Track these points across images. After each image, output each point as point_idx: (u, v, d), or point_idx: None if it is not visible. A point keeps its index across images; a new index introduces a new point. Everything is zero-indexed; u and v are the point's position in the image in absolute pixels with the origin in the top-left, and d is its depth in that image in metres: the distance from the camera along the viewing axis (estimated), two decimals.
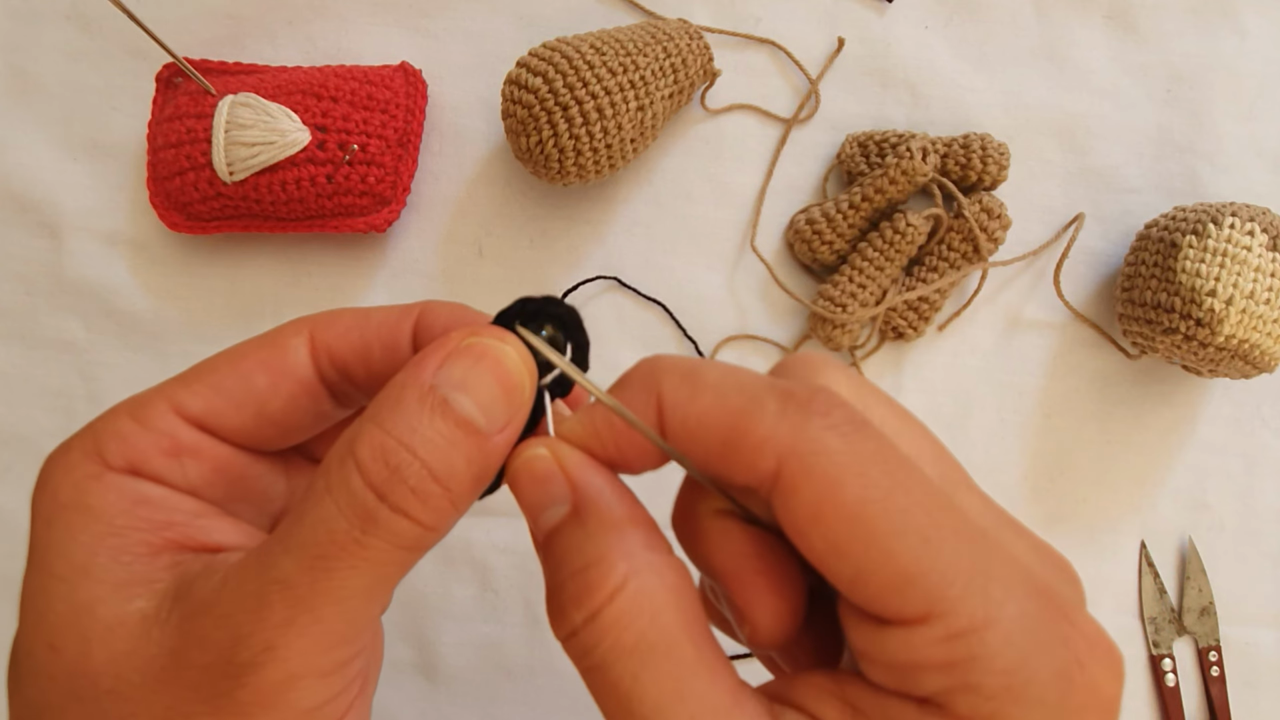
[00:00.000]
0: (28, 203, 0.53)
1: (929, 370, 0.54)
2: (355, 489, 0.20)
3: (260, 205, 0.49)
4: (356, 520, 0.20)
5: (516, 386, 0.22)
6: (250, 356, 0.24)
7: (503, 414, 0.21)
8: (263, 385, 0.24)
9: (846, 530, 0.19)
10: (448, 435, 0.20)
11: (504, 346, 0.22)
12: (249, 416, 0.24)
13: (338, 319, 0.25)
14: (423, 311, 0.25)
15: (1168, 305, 0.47)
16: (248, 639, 0.20)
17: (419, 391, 0.21)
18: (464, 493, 0.21)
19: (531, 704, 0.52)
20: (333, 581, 0.20)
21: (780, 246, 0.54)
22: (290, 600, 0.20)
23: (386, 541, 0.20)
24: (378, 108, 0.50)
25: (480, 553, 0.52)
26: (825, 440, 0.19)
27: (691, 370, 0.21)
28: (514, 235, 0.53)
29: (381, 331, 0.25)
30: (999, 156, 0.51)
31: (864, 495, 0.19)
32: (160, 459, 0.23)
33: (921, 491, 0.19)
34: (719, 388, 0.20)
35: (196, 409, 0.24)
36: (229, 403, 0.24)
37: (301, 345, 0.24)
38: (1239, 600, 0.53)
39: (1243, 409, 0.54)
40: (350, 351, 0.25)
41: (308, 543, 0.20)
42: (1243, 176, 0.54)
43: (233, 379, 0.24)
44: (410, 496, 0.20)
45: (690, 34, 0.50)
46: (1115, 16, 0.55)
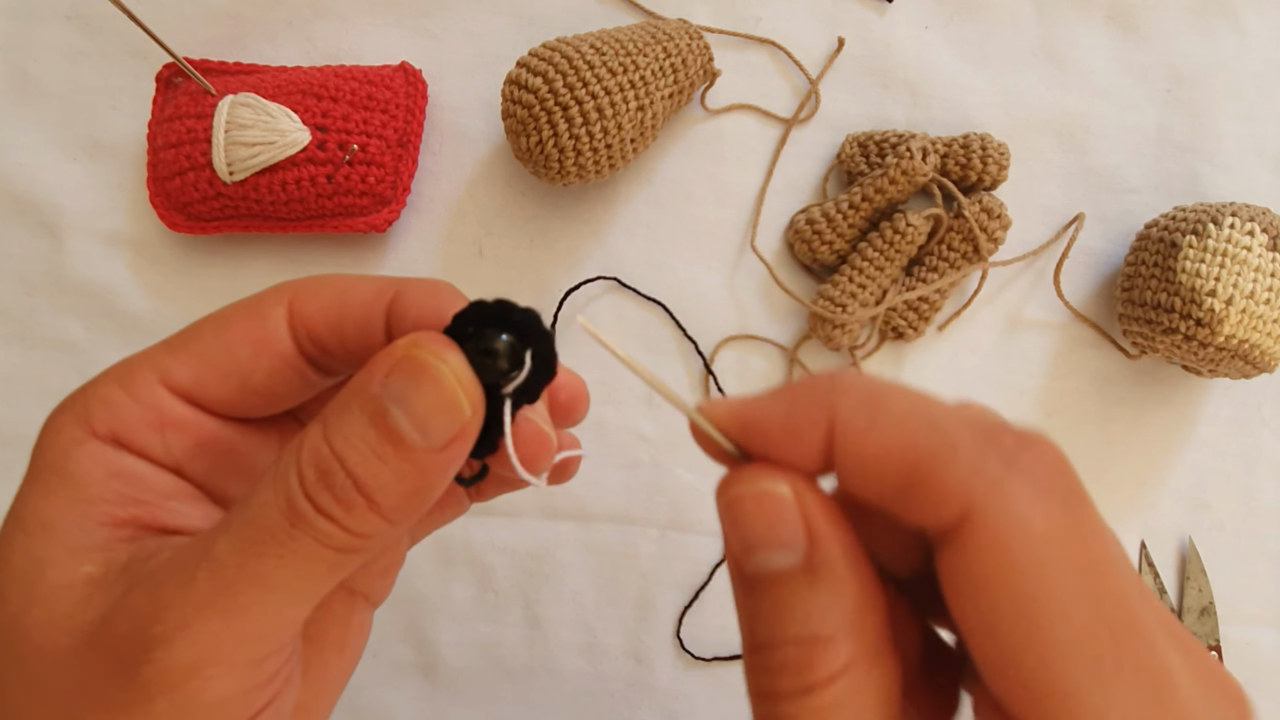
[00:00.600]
0: (28, 203, 0.53)
1: (929, 370, 0.54)
2: (290, 484, 0.20)
3: (260, 205, 0.49)
4: (287, 513, 0.20)
5: (453, 404, 0.21)
6: (234, 325, 0.24)
7: (441, 431, 0.21)
8: (245, 357, 0.24)
9: (1012, 614, 0.17)
10: (378, 449, 0.20)
11: (441, 364, 0.21)
12: (233, 388, 0.24)
13: (319, 290, 0.24)
14: (398, 293, 0.24)
15: (1168, 305, 0.47)
16: (165, 612, 0.20)
17: (363, 399, 0.20)
18: (394, 506, 0.21)
19: (531, 704, 0.52)
20: (259, 568, 0.20)
21: (780, 246, 0.54)
22: (216, 580, 0.20)
23: (313, 539, 0.20)
24: (378, 108, 0.50)
25: (480, 553, 0.52)
26: (1025, 507, 0.17)
27: (874, 395, 0.19)
28: (514, 235, 0.53)
29: (356, 309, 0.24)
30: (999, 156, 0.51)
31: (1047, 587, 0.16)
32: (144, 431, 0.23)
33: (1113, 606, 0.17)
34: (906, 420, 0.19)
35: (183, 380, 0.24)
36: (214, 374, 0.24)
37: (281, 316, 0.24)
38: (1239, 600, 0.53)
39: (1243, 409, 0.54)
40: (326, 327, 0.24)
41: (243, 526, 0.20)
42: (1243, 176, 0.54)
43: (218, 349, 0.24)
44: (334, 504, 0.20)
45: (690, 34, 0.50)
46: (1115, 16, 0.55)
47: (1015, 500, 0.17)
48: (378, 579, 0.28)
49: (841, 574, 0.19)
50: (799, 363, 0.53)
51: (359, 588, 0.28)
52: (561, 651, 0.52)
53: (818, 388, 0.20)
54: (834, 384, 0.20)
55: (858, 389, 0.19)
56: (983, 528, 0.17)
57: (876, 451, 0.18)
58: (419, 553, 0.52)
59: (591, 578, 0.52)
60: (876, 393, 0.19)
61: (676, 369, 0.53)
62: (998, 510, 0.17)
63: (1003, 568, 0.17)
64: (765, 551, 0.20)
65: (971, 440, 0.18)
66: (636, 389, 0.53)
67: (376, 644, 0.52)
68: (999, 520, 0.17)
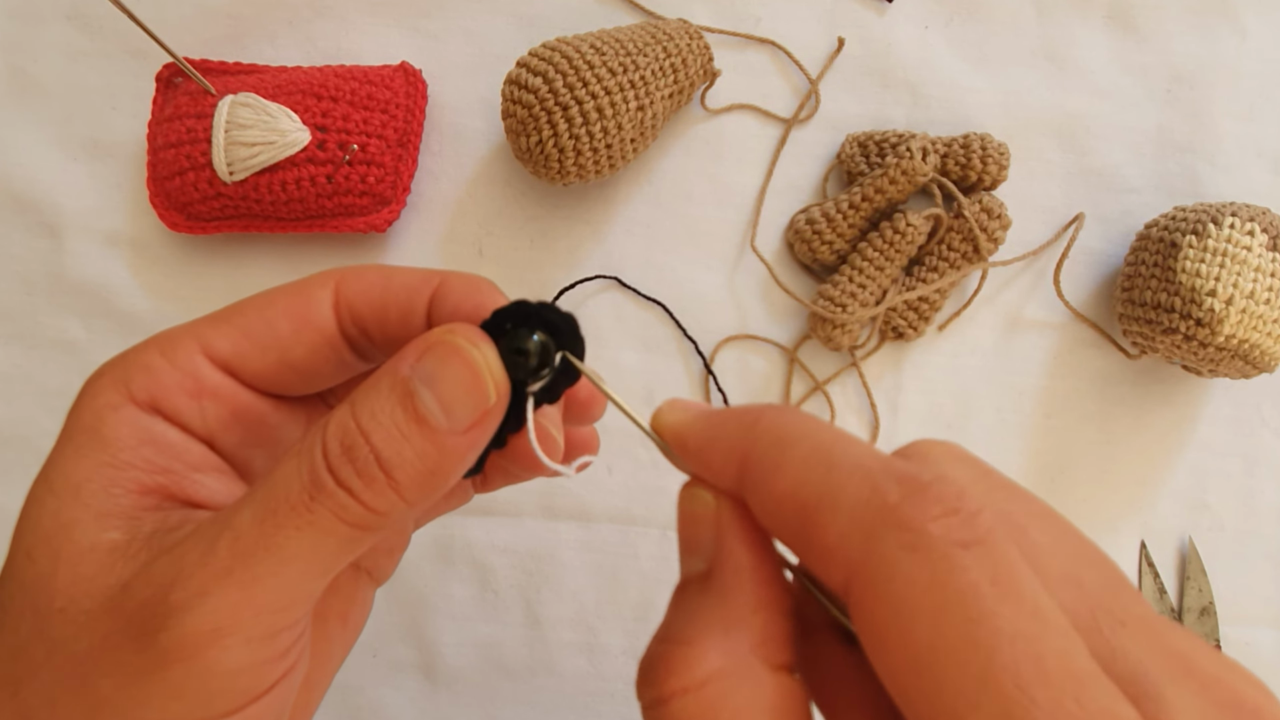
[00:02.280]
0: (28, 203, 0.53)
1: (929, 370, 0.54)
2: (314, 457, 0.21)
3: (260, 205, 0.49)
4: (309, 485, 0.20)
5: (480, 390, 0.21)
6: (278, 304, 0.25)
7: (465, 415, 0.21)
8: (287, 332, 0.24)
9: (910, 678, 0.16)
10: (402, 427, 0.21)
11: (473, 349, 0.21)
12: (272, 362, 0.25)
13: (364, 275, 0.25)
14: (442, 282, 0.25)
15: (1168, 305, 0.47)
16: (186, 580, 0.20)
17: (393, 379, 0.21)
18: (412, 484, 0.21)
19: (531, 704, 0.52)
20: (278, 538, 0.20)
21: (780, 246, 0.54)
22: (236, 549, 0.20)
23: (332, 512, 0.20)
24: (378, 108, 0.50)
25: (480, 553, 0.52)
26: (903, 565, 0.16)
27: (785, 438, 0.19)
28: (514, 235, 0.53)
29: (400, 295, 0.25)
30: (999, 156, 0.51)
31: (935, 642, 0.15)
32: (182, 398, 0.23)
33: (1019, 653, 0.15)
34: (803, 467, 0.18)
35: (223, 351, 0.24)
36: (254, 347, 0.24)
37: (326, 297, 0.25)
38: (1239, 600, 0.53)
39: (1243, 409, 0.54)
40: (370, 310, 0.25)
41: (265, 498, 0.21)
42: (1243, 176, 0.54)
43: (259, 324, 0.24)
44: (355, 477, 0.20)
45: (690, 34, 0.50)
46: (1115, 16, 0.55)
47: (890, 555, 0.16)
48: (383, 557, 0.29)
49: (731, 588, 0.19)
50: (799, 363, 0.53)
51: (364, 563, 0.28)
52: (561, 651, 0.52)
53: (741, 422, 0.20)
54: (754, 420, 0.20)
55: (771, 430, 0.19)
56: (862, 587, 0.16)
57: (775, 496, 0.18)
58: (419, 553, 0.52)
59: (591, 578, 0.52)
60: (787, 436, 0.19)
61: (676, 369, 0.53)
62: (874, 569, 0.16)
63: (888, 628, 0.16)
64: (685, 555, 0.21)
65: (854, 493, 0.17)
66: (637, 390, 0.53)
67: (376, 644, 0.52)
68: (876, 579, 0.16)
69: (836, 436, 0.18)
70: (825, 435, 0.18)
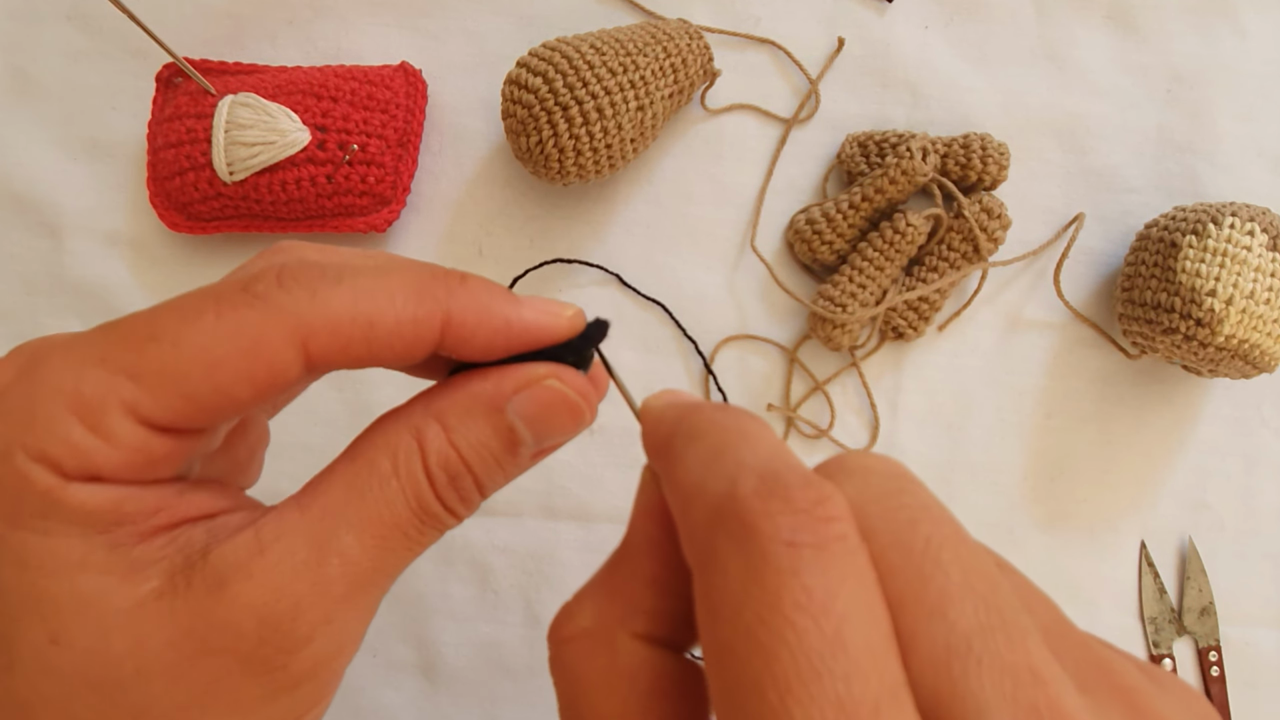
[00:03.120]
0: (28, 203, 0.53)
1: (929, 370, 0.54)
2: (420, 485, 0.22)
3: (260, 205, 0.49)
4: (418, 511, 0.22)
5: (575, 426, 0.23)
6: (229, 366, 0.20)
7: (549, 440, 0.23)
8: (244, 397, 0.20)
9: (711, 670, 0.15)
10: (500, 459, 0.22)
11: (581, 404, 0.23)
12: (218, 414, 0.21)
13: (338, 324, 0.21)
14: (449, 317, 0.22)
15: (1168, 305, 0.47)
16: (307, 611, 0.20)
17: (490, 409, 0.22)
18: (490, 492, 0.23)
19: (531, 704, 0.52)
20: (391, 560, 0.21)
21: (780, 246, 0.54)
22: (349, 576, 0.21)
23: (436, 532, 0.22)
24: (378, 108, 0.50)
25: (480, 553, 0.52)
26: (726, 556, 0.15)
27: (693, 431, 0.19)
28: (514, 235, 0.53)
29: (394, 345, 0.21)
30: (999, 156, 0.51)
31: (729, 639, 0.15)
32: (128, 472, 0.20)
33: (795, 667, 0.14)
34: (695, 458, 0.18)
35: (162, 420, 0.20)
36: (199, 410, 0.20)
37: (295, 361, 0.20)
38: (1239, 600, 0.53)
39: (1243, 409, 0.54)
40: (350, 363, 0.22)
41: (373, 522, 0.21)
42: (1243, 176, 0.54)
43: (207, 388, 0.20)
44: (460, 504, 0.22)
45: (690, 34, 0.50)
46: (1115, 16, 0.55)
47: (719, 548, 0.16)
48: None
49: (621, 557, 0.21)
50: (799, 363, 0.53)
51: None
52: None
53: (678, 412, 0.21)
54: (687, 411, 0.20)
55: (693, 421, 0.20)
56: (695, 575, 0.17)
57: (669, 486, 0.19)
58: None
59: None
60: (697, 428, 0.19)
61: (676, 369, 0.53)
62: (704, 557, 0.16)
63: (702, 619, 0.16)
64: None
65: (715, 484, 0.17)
66: (637, 390, 0.53)
67: (376, 644, 0.52)
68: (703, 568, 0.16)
69: (743, 435, 0.18)
70: (730, 434, 0.18)
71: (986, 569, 0.16)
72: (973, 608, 0.15)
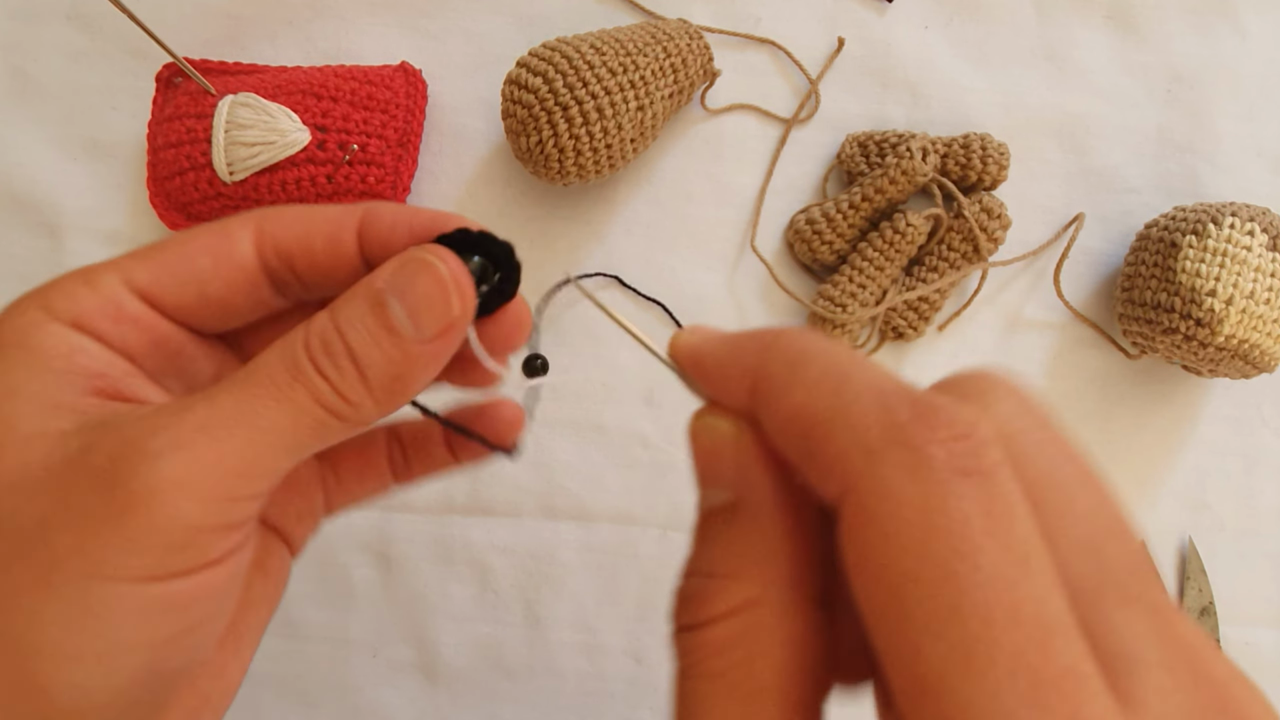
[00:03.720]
0: (28, 203, 0.53)
1: (929, 370, 0.54)
2: (295, 348, 0.23)
3: (260, 205, 0.49)
4: (289, 368, 0.22)
5: (446, 301, 0.23)
6: (197, 240, 0.25)
7: (431, 325, 0.23)
8: (206, 267, 0.25)
9: (883, 599, 0.15)
10: (374, 332, 0.23)
11: (440, 264, 0.23)
12: (190, 295, 0.25)
13: (285, 212, 0.26)
14: (368, 210, 0.26)
15: (1168, 305, 0.47)
16: (160, 432, 0.21)
17: (368, 291, 0.23)
18: (380, 384, 0.23)
19: (531, 704, 0.52)
20: (255, 405, 0.22)
21: (780, 246, 0.54)
22: (212, 411, 0.21)
23: (309, 393, 0.22)
24: (378, 108, 0.50)
25: (480, 553, 0.52)
26: (899, 484, 0.15)
27: (800, 355, 0.19)
28: (514, 235, 0.52)
29: (326, 226, 0.26)
30: (999, 156, 0.51)
31: (914, 567, 0.15)
32: (104, 321, 0.24)
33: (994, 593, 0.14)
34: (816, 385, 0.18)
35: (143, 281, 0.25)
36: (174, 279, 0.25)
37: (247, 235, 0.26)
38: (1239, 600, 0.53)
39: (1243, 409, 0.54)
40: (294, 241, 0.26)
41: (244, 377, 0.22)
42: (1243, 176, 0.54)
43: (178, 258, 0.25)
44: (331, 366, 0.22)
45: (690, 34, 0.50)
46: (1115, 16, 0.55)
47: (888, 475, 0.16)
48: (297, 523, 0.30)
49: (760, 517, 0.19)
50: None
51: (280, 525, 0.29)
52: (561, 651, 0.52)
53: (758, 343, 0.20)
54: (771, 341, 0.20)
55: (787, 350, 0.19)
56: (855, 504, 0.16)
57: (784, 413, 0.18)
58: (419, 553, 0.52)
59: (591, 578, 0.52)
60: (802, 355, 0.19)
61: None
62: (869, 486, 0.16)
63: (871, 548, 0.16)
64: (705, 487, 0.21)
65: (863, 410, 0.16)
66: (637, 390, 0.53)
67: (377, 644, 0.52)
68: (868, 496, 0.16)
69: (854, 358, 0.18)
70: (842, 356, 0.18)
71: (1120, 509, 0.17)
72: (1121, 548, 0.16)
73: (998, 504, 0.15)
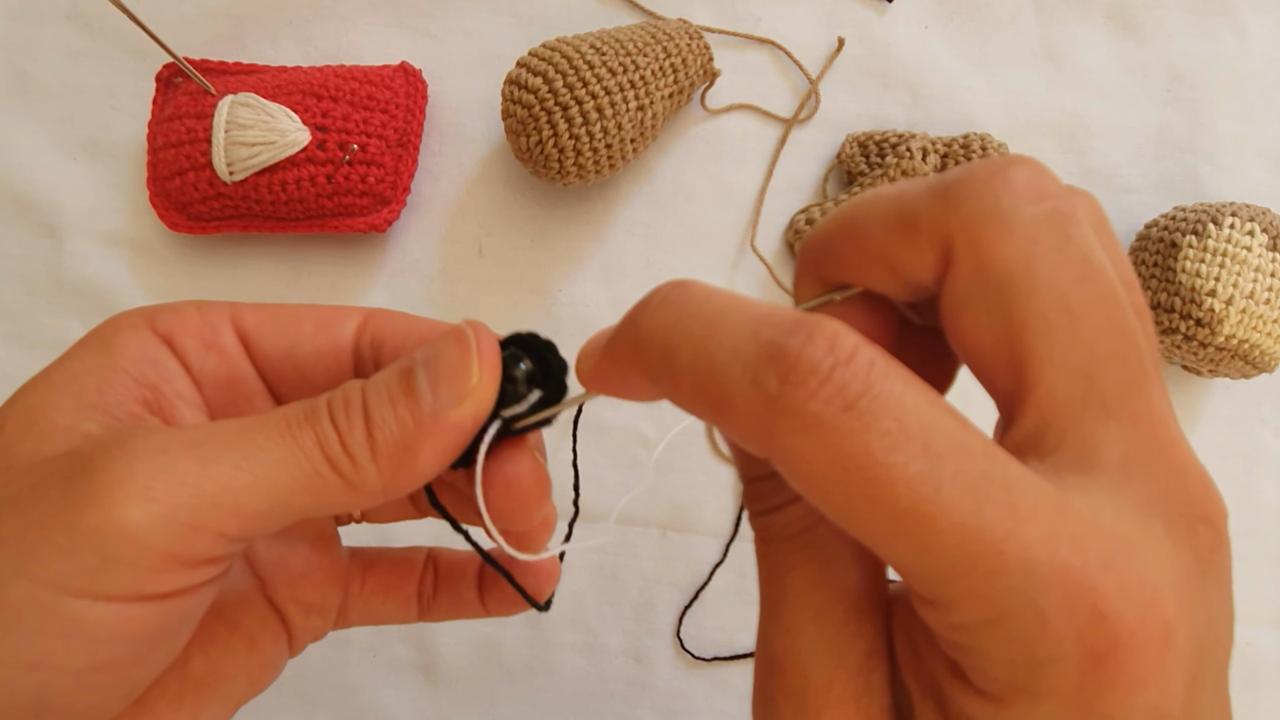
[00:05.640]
0: (28, 203, 0.53)
1: None
2: (317, 400, 0.23)
3: (260, 205, 0.49)
4: (304, 410, 0.22)
5: (465, 372, 0.22)
6: (310, 308, 0.27)
7: (446, 394, 0.22)
8: (307, 331, 0.26)
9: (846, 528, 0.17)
10: (393, 394, 0.22)
11: (469, 333, 0.23)
12: (281, 350, 0.26)
13: (395, 314, 0.27)
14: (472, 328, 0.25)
15: (1168, 305, 0.47)
16: (147, 434, 0.21)
17: (404, 360, 0.23)
18: (386, 447, 0.22)
19: (531, 704, 0.52)
20: (255, 436, 0.21)
21: (780, 246, 0.54)
22: (211, 431, 0.21)
23: (314, 437, 0.22)
24: (378, 108, 0.50)
25: None
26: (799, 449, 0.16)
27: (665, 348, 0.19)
28: (514, 235, 0.53)
29: (423, 329, 0.27)
30: None
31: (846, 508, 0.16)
32: (193, 341, 0.25)
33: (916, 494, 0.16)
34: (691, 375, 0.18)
35: (248, 322, 0.26)
36: (275, 330, 0.26)
37: (354, 320, 0.27)
38: (1239, 600, 0.53)
39: (1243, 409, 0.54)
40: (393, 338, 0.26)
41: (257, 416, 0.22)
42: (1243, 176, 0.54)
43: (287, 315, 0.26)
44: (343, 417, 0.22)
45: (690, 34, 0.50)
46: (1115, 16, 0.55)
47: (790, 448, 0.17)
48: (301, 611, 0.29)
49: None
50: None
51: (284, 608, 0.28)
52: (561, 651, 0.52)
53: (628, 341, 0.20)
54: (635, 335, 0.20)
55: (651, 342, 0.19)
56: (777, 462, 0.17)
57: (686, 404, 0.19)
58: None
59: (591, 578, 0.52)
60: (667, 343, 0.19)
61: None
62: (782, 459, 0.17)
63: (809, 494, 0.17)
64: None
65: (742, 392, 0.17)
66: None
67: (377, 644, 0.52)
68: (783, 462, 0.17)
69: (710, 321, 0.18)
70: (698, 327, 0.18)
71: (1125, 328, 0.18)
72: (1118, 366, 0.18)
73: (888, 414, 0.16)
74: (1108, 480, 0.17)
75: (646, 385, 0.20)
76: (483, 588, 0.30)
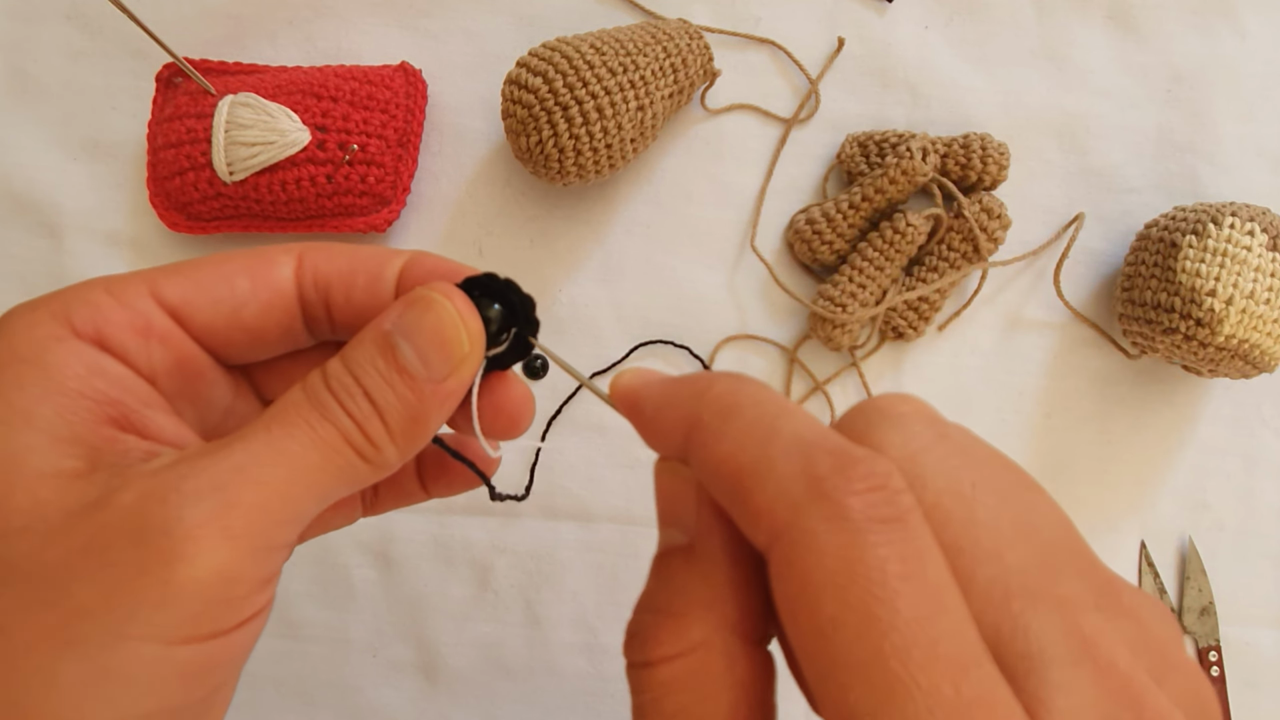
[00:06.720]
0: (28, 203, 0.53)
1: (929, 370, 0.54)
2: (318, 388, 0.22)
3: (260, 205, 0.49)
4: (316, 406, 0.22)
5: (454, 340, 0.23)
6: (235, 261, 0.25)
7: (440, 365, 0.23)
8: (243, 289, 0.24)
9: (812, 645, 0.16)
10: (386, 375, 0.22)
11: (446, 303, 0.23)
12: (222, 316, 0.24)
13: (329, 246, 0.26)
14: (413, 256, 0.26)
15: (1168, 305, 0.47)
16: (197, 475, 0.20)
17: (376, 333, 0.23)
18: (399, 427, 0.22)
19: (531, 704, 0.52)
20: (289, 444, 0.21)
21: (780, 246, 0.54)
22: (247, 450, 0.21)
23: (337, 430, 0.22)
24: (378, 108, 0.50)
25: (480, 553, 0.52)
26: (821, 534, 0.16)
27: (731, 406, 0.19)
28: (514, 235, 0.53)
29: (369, 264, 0.25)
30: (999, 156, 0.51)
31: (838, 614, 0.15)
32: (129, 336, 0.23)
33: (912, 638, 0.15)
34: (745, 434, 0.18)
35: (173, 297, 0.24)
36: (206, 298, 0.24)
37: (289, 262, 0.25)
38: (1239, 600, 0.53)
39: (1243, 409, 0.54)
40: (336, 275, 0.25)
41: (270, 416, 0.22)
42: (1243, 176, 0.54)
43: (214, 277, 0.24)
44: (355, 407, 0.22)
45: (690, 34, 0.50)
46: (1115, 16, 0.55)
47: (809, 527, 0.16)
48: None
49: (713, 561, 0.20)
50: (799, 363, 0.53)
51: None
52: (561, 651, 0.52)
53: (692, 389, 0.20)
54: (705, 388, 0.20)
55: (720, 399, 0.19)
56: (781, 554, 0.17)
57: (714, 462, 0.19)
58: (419, 553, 0.52)
59: (592, 578, 0.52)
60: (734, 405, 0.19)
61: (676, 370, 0.53)
62: (794, 537, 0.16)
63: (798, 595, 0.16)
64: (665, 527, 0.21)
65: (787, 463, 0.17)
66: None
67: (377, 644, 0.52)
68: (793, 547, 0.16)
69: (782, 409, 0.19)
70: (771, 407, 0.19)
71: (1028, 505, 0.18)
72: (1024, 546, 0.17)
73: (911, 548, 0.16)
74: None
75: (675, 427, 0.20)
76: (423, 475, 0.30)
